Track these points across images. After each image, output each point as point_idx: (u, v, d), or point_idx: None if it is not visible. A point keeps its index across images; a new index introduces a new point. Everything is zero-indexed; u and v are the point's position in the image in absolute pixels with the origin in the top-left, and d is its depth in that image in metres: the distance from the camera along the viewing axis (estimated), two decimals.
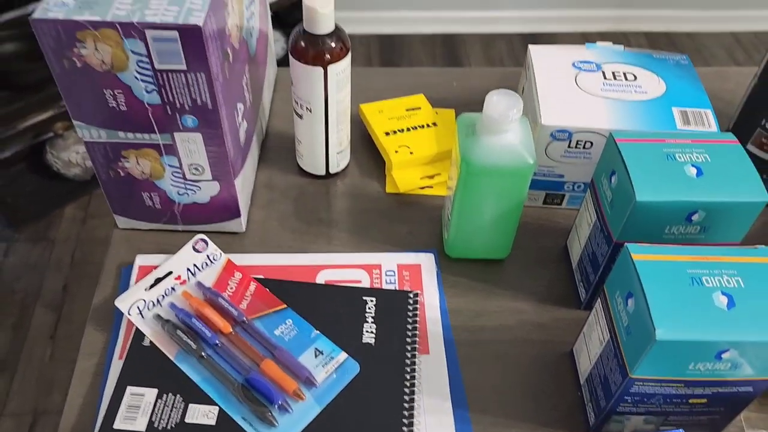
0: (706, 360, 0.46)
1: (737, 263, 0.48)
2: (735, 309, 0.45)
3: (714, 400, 0.50)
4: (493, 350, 0.60)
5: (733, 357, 0.46)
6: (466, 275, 0.65)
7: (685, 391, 0.49)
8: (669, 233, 0.55)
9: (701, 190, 0.53)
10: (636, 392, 0.49)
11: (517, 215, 0.62)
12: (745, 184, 0.53)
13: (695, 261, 0.48)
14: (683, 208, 0.53)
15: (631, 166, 0.54)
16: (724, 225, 0.54)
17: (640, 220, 0.53)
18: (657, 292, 0.46)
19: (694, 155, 0.55)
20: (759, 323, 0.45)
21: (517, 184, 0.59)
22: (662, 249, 0.49)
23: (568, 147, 0.65)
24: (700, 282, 0.47)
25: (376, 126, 0.75)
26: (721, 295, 0.46)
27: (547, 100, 0.66)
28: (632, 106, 0.66)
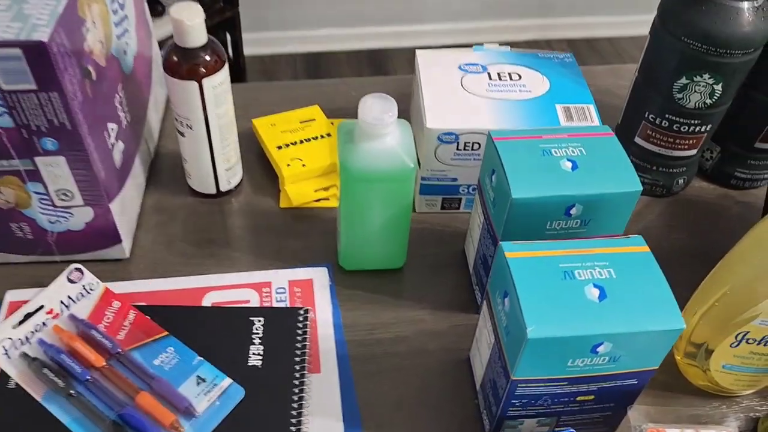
0: (582, 355, 0.45)
1: (609, 254, 0.48)
2: (606, 300, 0.45)
3: (601, 396, 0.50)
4: (390, 363, 0.58)
5: (608, 350, 0.45)
6: (361, 287, 0.64)
7: (570, 389, 0.48)
8: (551, 229, 0.54)
9: (576, 183, 0.52)
10: (522, 394, 0.48)
11: (406, 222, 0.61)
12: (619, 175, 0.53)
13: (568, 255, 0.47)
14: (560, 202, 0.52)
15: (507, 164, 0.53)
16: (603, 217, 0.54)
17: (519, 217, 0.53)
18: (529, 290, 0.45)
19: (570, 150, 0.55)
20: (629, 314, 0.44)
21: (400, 189, 0.57)
22: (535, 245, 0.48)
23: (457, 149, 0.65)
24: (573, 276, 0.46)
25: (268, 140, 0.73)
26: (593, 288, 0.45)
27: (432, 103, 0.65)
28: (517, 105, 0.66)
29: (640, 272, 0.47)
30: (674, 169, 0.72)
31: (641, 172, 0.73)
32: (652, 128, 0.69)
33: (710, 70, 0.63)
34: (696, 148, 0.70)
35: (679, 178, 0.73)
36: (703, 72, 0.63)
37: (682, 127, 0.68)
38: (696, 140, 0.69)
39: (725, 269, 0.52)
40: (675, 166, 0.72)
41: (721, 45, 0.61)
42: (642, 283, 0.46)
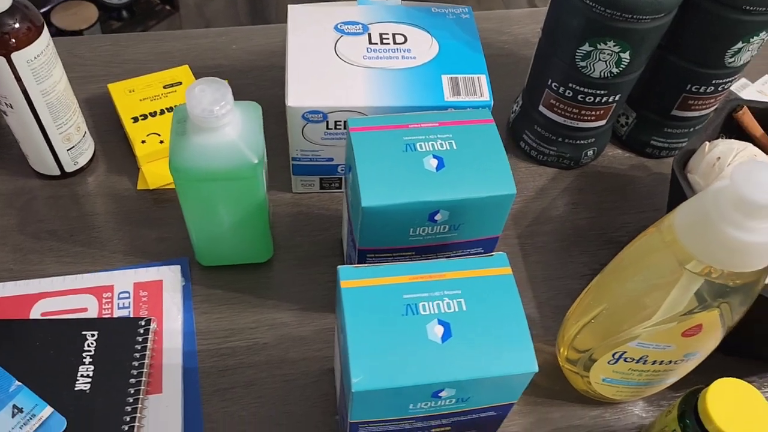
0: (423, 400, 0.39)
1: (463, 280, 0.41)
2: (451, 340, 0.39)
3: (460, 426, 0.44)
4: (244, 377, 0.53)
5: (452, 394, 0.39)
6: (221, 286, 0.57)
7: (422, 424, 0.43)
8: (415, 235, 0.47)
9: (439, 187, 0.45)
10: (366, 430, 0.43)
11: (263, 217, 0.53)
12: (491, 176, 0.46)
13: (414, 282, 0.41)
14: (420, 210, 0.45)
15: (361, 164, 0.46)
16: (474, 221, 0.47)
17: (374, 225, 0.46)
18: (361, 332, 0.39)
19: (438, 143, 0.47)
20: (473, 357, 0.38)
21: (245, 187, 0.50)
22: (378, 270, 0.41)
23: (327, 128, 0.56)
24: (416, 310, 0.40)
25: (123, 110, 0.64)
26: (437, 326, 0.39)
27: (297, 76, 0.56)
28: (397, 76, 0.57)
29: (496, 303, 0.40)
30: (581, 141, 0.65)
31: (546, 143, 0.66)
32: (556, 98, 0.62)
33: (616, 36, 0.55)
34: (604, 120, 0.63)
35: (588, 149, 0.66)
36: (608, 39, 0.55)
37: (587, 97, 0.60)
38: (604, 111, 0.62)
39: (603, 286, 0.47)
40: (582, 138, 0.65)
41: (627, 9, 0.53)
42: (495, 318, 0.40)
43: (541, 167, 0.68)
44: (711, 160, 0.51)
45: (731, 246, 0.37)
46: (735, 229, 0.36)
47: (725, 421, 0.42)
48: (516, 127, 0.68)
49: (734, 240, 0.36)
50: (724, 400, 0.43)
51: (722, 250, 0.37)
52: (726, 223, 0.36)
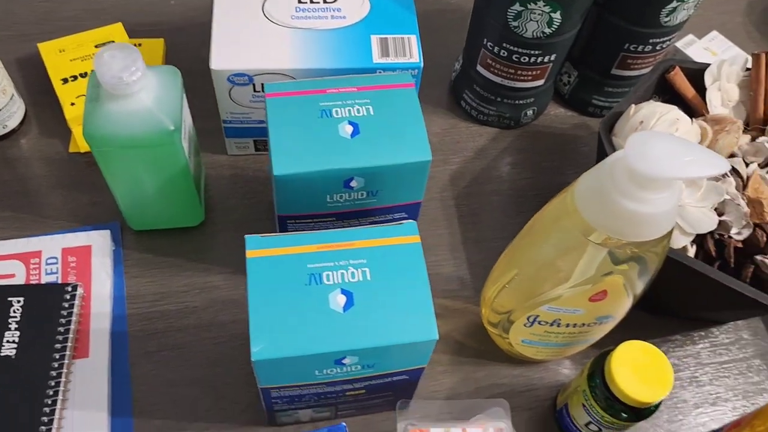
0: (328, 367, 0.40)
1: (370, 249, 0.41)
2: (353, 309, 0.39)
3: (374, 390, 0.46)
4: (174, 340, 0.53)
5: (355, 361, 0.40)
6: (153, 250, 0.57)
7: (333, 388, 0.44)
8: (333, 201, 0.48)
9: (353, 154, 0.45)
10: (280, 396, 0.44)
11: (187, 183, 0.53)
12: (406, 142, 0.46)
13: (319, 252, 0.41)
14: (334, 177, 0.45)
15: (274, 130, 0.45)
16: (392, 187, 0.48)
17: (289, 192, 0.46)
18: (262, 301, 0.39)
19: (356, 109, 0.47)
20: (374, 326, 0.39)
21: (164, 154, 0.49)
22: (284, 239, 0.41)
23: (254, 91, 0.56)
24: (320, 280, 0.40)
25: (53, 70, 0.63)
26: (340, 295, 0.40)
27: (222, 37, 0.55)
28: (325, 37, 0.56)
29: (401, 273, 0.41)
30: (520, 101, 0.65)
31: (485, 103, 0.65)
32: (492, 57, 0.61)
33: None
34: (542, 79, 0.62)
35: (527, 109, 0.66)
36: None
37: (522, 57, 0.59)
38: (540, 71, 0.61)
39: (516, 250, 0.47)
40: (521, 98, 0.64)
41: None
42: (399, 288, 0.40)
43: (482, 127, 0.68)
44: (634, 124, 0.51)
45: (627, 217, 0.37)
46: (629, 200, 0.36)
47: (627, 382, 0.43)
48: (456, 86, 0.68)
49: (629, 211, 0.37)
50: (629, 362, 0.44)
51: (618, 221, 0.38)
52: (620, 195, 0.36)
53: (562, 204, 0.41)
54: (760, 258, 0.49)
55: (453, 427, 0.44)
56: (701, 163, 0.35)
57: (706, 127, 0.53)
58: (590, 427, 0.48)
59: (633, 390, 0.43)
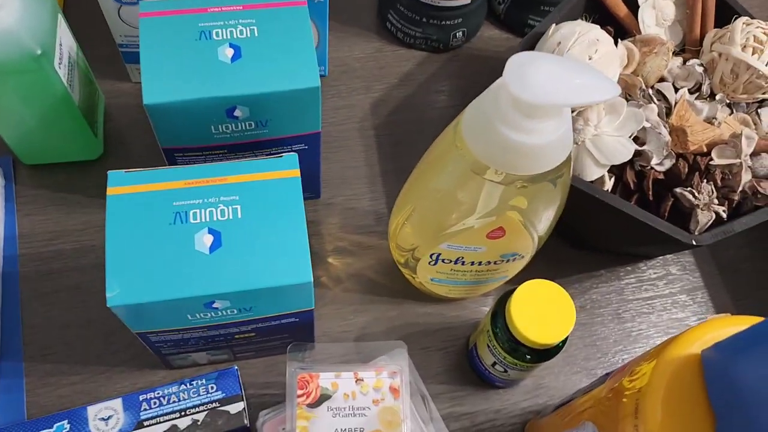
0: (199, 311, 0.38)
1: (243, 184, 0.38)
2: (220, 250, 0.36)
3: (264, 332, 0.43)
4: (69, 281, 0.51)
5: (227, 305, 0.37)
6: (48, 186, 0.54)
7: (217, 332, 0.42)
8: (219, 132, 0.44)
9: (232, 80, 0.41)
10: (161, 341, 0.41)
11: (71, 113, 0.49)
12: (292, 68, 0.42)
13: (187, 188, 0.38)
14: (213, 105, 0.41)
15: (146, 55, 0.41)
16: (282, 117, 0.44)
17: (167, 123, 0.42)
18: (120, 242, 0.36)
19: (238, 30, 0.42)
20: (242, 268, 0.36)
21: (35, 81, 0.45)
22: (147, 175, 0.38)
23: None
24: (185, 218, 0.37)
25: None
26: (207, 235, 0.37)
27: None
28: None
29: (277, 210, 0.38)
30: (448, 22, 0.60)
31: (411, 24, 0.61)
32: None
33: None
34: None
35: (456, 31, 0.61)
36: None
37: None
38: None
39: (411, 185, 0.44)
40: (449, 18, 0.60)
41: None
42: (275, 224, 0.37)
43: (410, 51, 0.63)
44: (552, 46, 0.47)
45: (513, 149, 0.34)
46: (514, 130, 0.33)
47: (528, 324, 0.41)
48: (381, 6, 0.63)
49: (514, 142, 0.33)
50: (530, 302, 0.42)
51: (505, 154, 0.34)
52: (504, 125, 0.33)
53: (449, 137, 0.38)
54: (679, 190, 0.46)
55: (344, 372, 0.42)
56: (589, 88, 0.31)
57: (632, 49, 0.49)
58: (496, 368, 0.46)
59: (533, 332, 0.41)
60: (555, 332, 0.41)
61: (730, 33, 0.48)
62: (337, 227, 0.54)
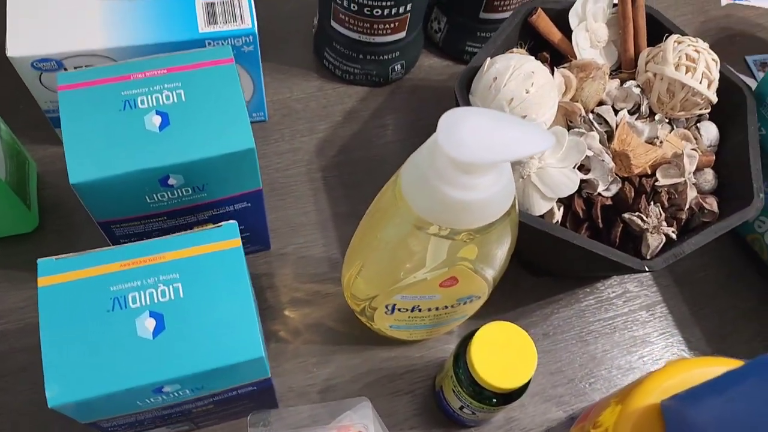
0: (149, 396, 0.36)
1: (183, 260, 0.37)
2: (164, 333, 0.35)
3: (223, 404, 0.42)
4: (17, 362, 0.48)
5: (177, 388, 0.36)
6: None
7: (173, 410, 0.40)
8: (155, 201, 0.42)
9: (161, 150, 0.39)
10: (113, 426, 0.39)
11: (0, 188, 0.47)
12: (225, 130, 0.40)
13: (124, 270, 0.36)
14: (143, 178, 0.40)
15: (68, 131, 0.39)
16: (219, 180, 0.42)
17: (98, 199, 0.40)
18: (56, 337, 0.34)
19: (164, 95, 0.41)
20: (188, 351, 0.35)
21: None
22: (80, 261, 0.36)
23: None
24: (124, 303, 0.35)
25: None
26: (148, 318, 0.35)
27: (18, 17, 0.48)
28: (142, 6, 0.49)
29: (222, 282, 0.36)
30: (385, 56, 0.59)
31: (348, 61, 0.60)
32: (344, 12, 0.55)
33: None
34: (403, 32, 0.57)
35: (395, 64, 0.60)
36: None
37: (374, 10, 0.54)
38: (399, 23, 0.56)
39: (359, 239, 0.43)
40: (385, 53, 0.59)
41: None
42: (221, 300, 0.36)
43: (351, 87, 0.62)
44: (488, 82, 0.46)
45: (455, 206, 0.33)
46: (453, 188, 0.32)
47: (489, 369, 0.40)
48: (317, 44, 0.62)
49: (455, 200, 0.32)
50: (490, 346, 0.41)
51: (447, 211, 0.33)
52: (443, 182, 0.32)
53: (390, 192, 0.37)
54: (627, 216, 0.46)
55: None
56: (522, 142, 0.31)
57: (569, 76, 0.49)
58: (464, 411, 0.45)
59: (496, 378, 0.40)
60: (518, 375, 0.41)
61: (663, 52, 0.48)
62: (291, 278, 0.53)
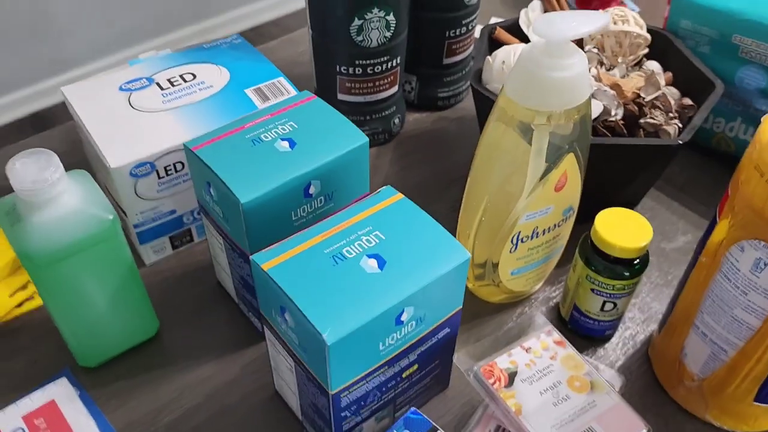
0: (390, 332, 0.40)
1: (368, 217, 0.43)
2: (387, 266, 0.40)
3: (424, 360, 0.45)
4: None
5: (411, 314, 0.40)
6: (120, 376, 0.51)
7: (393, 370, 0.43)
8: (298, 218, 0.48)
9: (301, 160, 0.46)
10: (348, 403, 0.42)
11: (137, 285, 0.50)
12: (340, 134, 0.49)
13: (328, 237, 0.41)
14: (295, 186, 0.46)
15: (220, 170, 0.45)
16: (343, 183, 0.49)
17: (258, 220, 0.45)
18: (305, 294, 0.38)
19: (280, 128, 0.49)
20: (415, 268, 0.40)
21: (109, 251, 0.46)
22: (290, 243, 0.41)
23: (159, 178, 0.55)
24: (343, 256, 0.40)
25: None
26: (369, 260, 0.40)
27: (106, 138, 0.54)
28: (203, 106, 0.57)
29: (406, 222, 0.42)
30: (386, 112, 0.70)
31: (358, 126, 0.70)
32: (349, 80, 0.66)
33: (376, 3, 0.61)
34: (396, 84, 0.69)
35: (394, 118, 0.72)
36: (372, 7, 0.61)
37: (375, 67, 0.65)
38: (393, 76, 0.68)
39: (476, 184, 0.51)
40: (386, 108, 0.70)
41: None
42: (413, 233, 0.42)
43: None
44: (498, 66, 0.59)
45: (557, 86, 0.43)
46: (554, 70, 0.42)
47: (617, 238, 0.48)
48: None
49: (557, 79, 0.43)
50: (610, 225, 0.49)
51: (552, 94, 0.43)
52: (546, 69, 0.43)
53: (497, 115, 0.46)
54: (643, 121, 0.58)
55: (512, 350, 0.45)
56: (589, 21, 0.42)
57: None
58: (605, 309, 0.51)
59: (624, 240, 0.48)
60: (641, 236, 0.49)
61: None
62: None
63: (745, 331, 0.43)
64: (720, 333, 0.44)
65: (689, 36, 0.67)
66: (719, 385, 0.47)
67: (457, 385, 0.51)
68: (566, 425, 0.42)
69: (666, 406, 0.51)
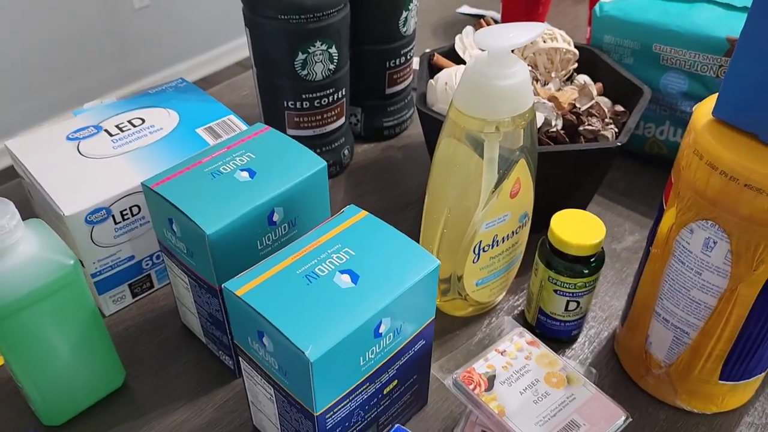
0: (369, 345, 0.40)
1: (338, 235, 0.43)
2: (361, 279, 0.40)
3: (403, 374, 0.45)
4: None
5: (389, 326, 0.40)
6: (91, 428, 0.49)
7: (375, 386, 0.43)
8: (263, 247, 0.48)
9: (262, 190, 0.47)
10: (333, 425, 0.41)
11: (101, 331, 0.48)
12: (298, 161, 0.49)
13: (299, 258, 0.41)
14: (259, 215, 0.46)
15: (182, 204, 0.45)
16: (305, 209, 0.50)
17: (225, 252, 0.45)
18: (283, 314, 0.38)
19: (238, 160, 0.49)
20: (388, 279, 0.40)
21: (71, 296, 0.45)
22: (261, 268, 0.41)
23: (116, 224, 0.54)
24: (315, 275, 0.40)
25: None
26: (342, 275, 0.40)
27: (57, 187, 0.53)
28: (155, 148, 0.57)
29: (374, 237, 0.43)
30: (336, 144, 0.72)
31: None
32: (297, 114, 0.67)
33: (318, 36, 0.63)
34: (343, 116, 0.71)
35: (344, 149, 0.73)
36: (314, 40, 0.63)
37: (322, 100, 0.67)
38: (340, 108, 0.69)
39: (434, 200, 0.52)
40: (334, 141, 0.71)
41: (314, 10, 0.61)
42: (382, 246, 0.43)
43: None
44: (442, 87, 0.61)
45: (504, 94, 0.45)
46: (499, 79, 0.45)
47: (574, 237, 0.50)
48: None
49: (503, 88, 0.45)
50: (565, 225, 0.51)
51: (499, 101, 0.46)
52: (492, 78, 0.45)
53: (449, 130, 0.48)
54: (582, 128, 0.61)
55: (488, 353, 0.46)
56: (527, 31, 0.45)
57: None
58: (570, 308, 0.53)
59: (579, 238, 0.50)
60: (595, 234, 0.51)
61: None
62: None
63: (703, 311, 0.45)
64: (680, 316, 0.47)
65: (613, 49, 0.71)
66: (685, 369, 0.49)
67: (435, 401, 0.52)
68: (549, 421, 0.42)
69: (638, 398, 0.52)
